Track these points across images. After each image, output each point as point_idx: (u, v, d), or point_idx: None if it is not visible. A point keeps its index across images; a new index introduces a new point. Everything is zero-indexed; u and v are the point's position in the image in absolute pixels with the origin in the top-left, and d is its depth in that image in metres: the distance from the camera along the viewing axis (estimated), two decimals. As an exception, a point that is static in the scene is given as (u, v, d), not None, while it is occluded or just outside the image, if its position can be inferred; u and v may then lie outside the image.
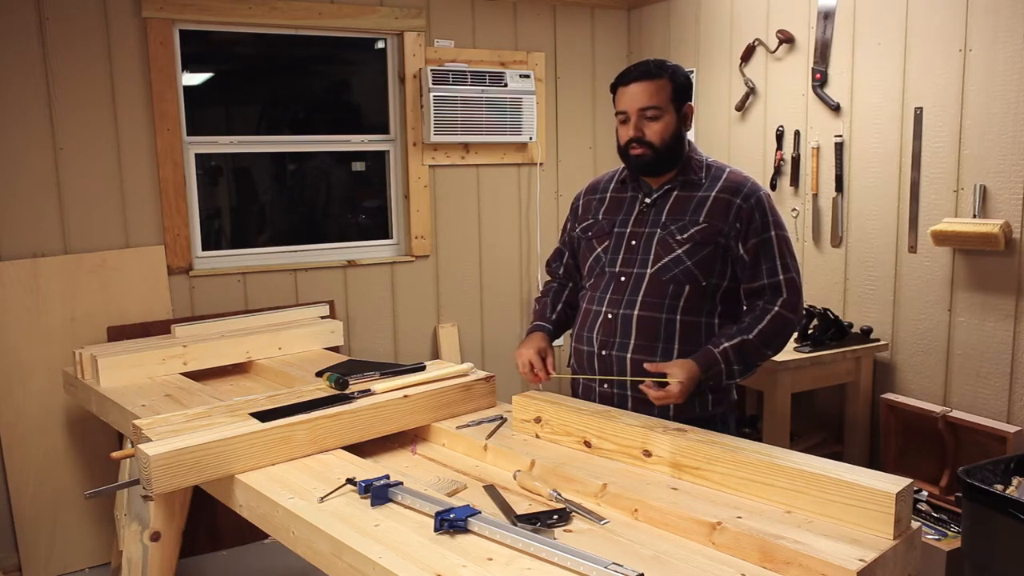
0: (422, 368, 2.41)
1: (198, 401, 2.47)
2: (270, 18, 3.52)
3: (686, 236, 2.03)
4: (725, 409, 2.13)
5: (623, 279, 2.08)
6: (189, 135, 3.48)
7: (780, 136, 3.59)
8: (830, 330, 3.20)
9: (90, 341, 3.20)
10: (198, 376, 2.85)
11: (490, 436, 2.05)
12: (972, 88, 2.89)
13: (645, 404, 2.03)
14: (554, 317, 2.29)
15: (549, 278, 2.42)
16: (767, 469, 1.61)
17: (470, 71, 3.87)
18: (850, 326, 3.24)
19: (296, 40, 3.72)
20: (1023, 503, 2.26)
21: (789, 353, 3.09)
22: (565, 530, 1.59)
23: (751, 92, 3.73)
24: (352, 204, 4.12)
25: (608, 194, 2.21)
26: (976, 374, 2.96)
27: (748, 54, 3.73)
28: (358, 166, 4.03)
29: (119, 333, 3.22)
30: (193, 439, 1.83)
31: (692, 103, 2.11)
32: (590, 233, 2.19)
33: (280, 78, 3.86)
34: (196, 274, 3.49)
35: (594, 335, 2.10)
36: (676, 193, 2.09)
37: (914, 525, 1.51)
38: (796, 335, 3.10)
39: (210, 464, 1.82)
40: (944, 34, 2.96)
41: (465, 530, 1.53)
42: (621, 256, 2.10)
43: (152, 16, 3.29)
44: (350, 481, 1.75)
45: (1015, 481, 2.53)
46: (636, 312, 2.04)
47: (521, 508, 1.70)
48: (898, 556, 1.44)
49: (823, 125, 3.42)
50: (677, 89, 2.04)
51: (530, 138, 4.05)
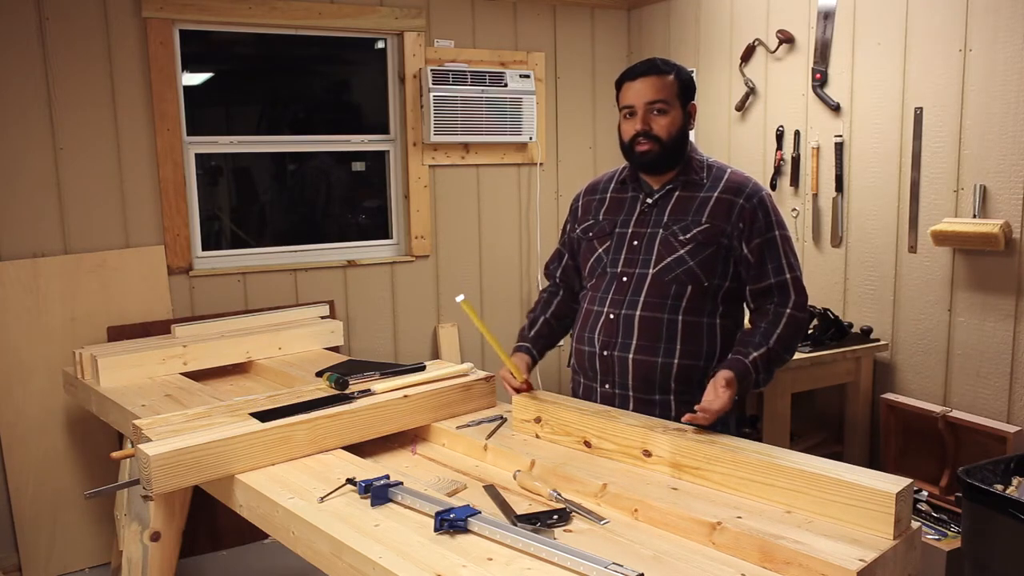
0: (422, 368, 2.41)
1: (198, 401, 2.47)
2: (270, 18, 3.52)
3: (689, 236, 2.03)
4: (725, 409, 2.13)
5: (625, 279, 2.08)
6: (189, 135, 3.48)
7: (780, 136, 3.59)
8: (830, 330, 3.20)
9: (90, 341, 3.20)
10: (198, 376, 2.85)
11: (490, 436, 2.05)
12: (972, 88, 2.89)
13: (646, 405, 2.04)
14: (532, 335, 2.29)
15: (547, 282, 2.41)
16: (767, 469, 1.61)
17: (470, 71, 3.87)
18: (850, 326, 3.24)
19: (296, 40, 3.72)
20: (1023, 503, 2.26)
21: (789, 353, 3.09)
22: (565, 530, 1.59)
23: (751, 92, 3.73)
24: (352, 204, 4.12)
25: (608, 195, 2.21)
26: (976, 374, 2.96)
27: (748, 54, 3.73)
28: (358, 166, 4.03)
29: (119, 333, 3.23)
30: (193, 439, 1.83)
31: (695, 103, 2.11)
32: (591, 234, 2.19)
33: (280, 78, 3.86)
34: (196, 274, 3.49)
35: (596, 336, 2.10)
36: (678, 193, 2.09)
37: (914, 525, 1.51)
38: (796, 335, 3.10)
39: (210, 464, 1.82)
40: (944, 34, 2.96)
41: (465, 530, 1.52)
42: (623, 256, 2.10)
43: (152, 16, 3.29)
44: (350, 481, 1.75)
45: (1015, 481, 2.53)
46: (638, 312, 2.04)
47: (521, 508, 1.70)
48: (898, 556, 1.44)
49: (823, 125, 3.42)
50: (683, 86, 2.05)
51: (530, 138, 4.05)
